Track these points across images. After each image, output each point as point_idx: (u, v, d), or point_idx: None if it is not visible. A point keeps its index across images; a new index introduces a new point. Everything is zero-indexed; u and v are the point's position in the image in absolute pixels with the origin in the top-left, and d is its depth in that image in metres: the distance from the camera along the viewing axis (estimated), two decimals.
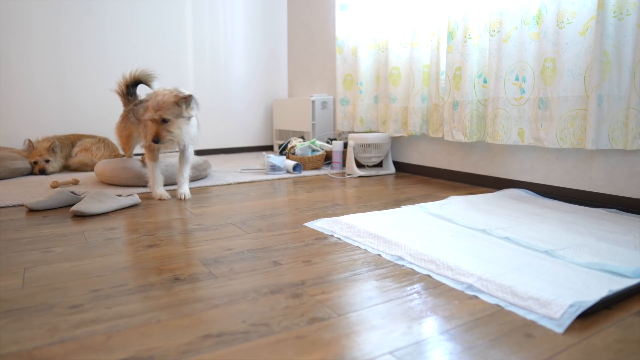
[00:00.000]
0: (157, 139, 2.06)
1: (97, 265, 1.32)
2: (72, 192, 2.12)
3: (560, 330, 0.90)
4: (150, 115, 2.05)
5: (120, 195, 2.13)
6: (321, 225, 1.70)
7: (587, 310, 0.95)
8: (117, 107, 3.83)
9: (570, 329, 0.91)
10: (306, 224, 1.75)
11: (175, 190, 2.36)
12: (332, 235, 1.59)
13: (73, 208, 1.93)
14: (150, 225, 1.78)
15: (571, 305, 0.95)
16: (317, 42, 4.12)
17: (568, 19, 1.93)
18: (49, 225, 1.79)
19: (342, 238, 1.55)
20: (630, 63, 1.79)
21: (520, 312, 0.98)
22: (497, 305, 1.02)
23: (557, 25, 1.97)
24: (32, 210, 2.04)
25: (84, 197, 2.10)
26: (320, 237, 1.59)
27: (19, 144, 3.44)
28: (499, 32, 2.19)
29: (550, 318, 0.94)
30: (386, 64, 2.99)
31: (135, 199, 2.14)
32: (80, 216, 1.93)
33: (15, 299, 1.09)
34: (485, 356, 0.81)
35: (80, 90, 3.71)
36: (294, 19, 4.47)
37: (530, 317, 0.96)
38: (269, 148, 4.66)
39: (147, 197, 2.31)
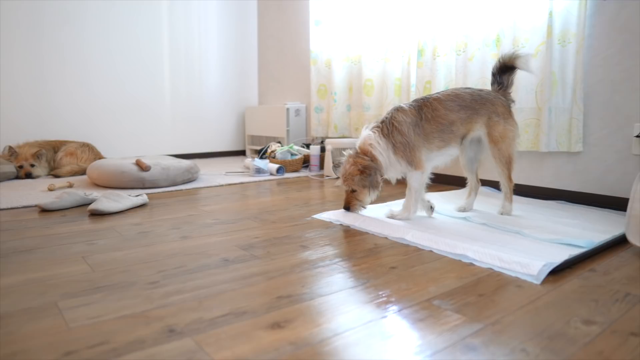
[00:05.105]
0: None
1: (146, 253, 1.52)
2: (85, 194, 2.27)
3: (537, 282, 1.24)
4: None
5: (130, 195, 2.30)
6: (328, 216, 1.98)
7: (556, 268, 1.29)
8: (94, 115, 3.92)
9: (546, 281, 1.25)
10: (315, 216, 2.03)
11: (177, 189, 2.54)
12: (340, 224, 1.88)
13: (91, 207, 2.08)
14: (172, 220, 1.98)
15: (544, 265, 1.29)
16: (289, 54, 4.39)
17: (522, 44, 2.33)
18: (73, 222, 1.94)
19: (350, 226, 1.84)
20: (572, 81, 2.20)
21: (508, 273, 1.31)
22: (489, 269, 1.35)
23: (513, 48, 2.36)
24: (44, 210, 2.17)
25: (97, 198, 2.26)
26: (330, 226, 1.87)
27: None
28: (464, 52, 2.57)
29: (529, 275, 1.27)
30: (360, 76, 3.31)
31: (145, 198, 2.32)
32: (98, 215, 2.09)
33: (94, 280, 1.28)
34: (493, 299, 1.13)
35: (58, 97, 3.77)
36: (264, 31, 4.72)
37: (515, 275, 1.29)
38: (241, 153, 4.87)
39: (152, 197, 2.49)
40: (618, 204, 2.14)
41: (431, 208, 1.99)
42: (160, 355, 0.87)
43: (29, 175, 3.17)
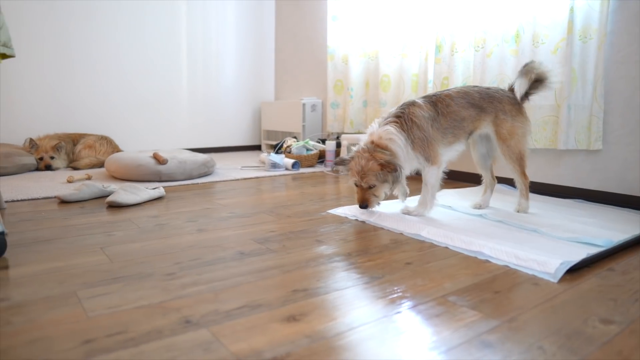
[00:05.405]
0: None
1: (163, 245, 1.54)
2: (103, 186, 2.30)
3: (555, 280, 1.22)
4: None
5: (147, 188, 2.33)
6: (344, 211, 1.98)
7: (573, 267, 1.28)
8: (113, 110, 3.97)
9: (564, 280, 1.23)
10: (330, 211, 2.03)
11: (194, 183, 2.56)
12: (356, 220, 1.88)
13: (109, 199, 2.11)
14: (188, 213, 2.00)
15: (562, 263, 1.27)
16: (305, 49, 4.39)
17: (542, 40, 2.29)
18: (92, 214, 1.97)
19: (366, 221, 1.84)
20: (592, 78, 2.16)
21: (524, 270, 1.30)
22: (506, 266, 1.34)
23: (533, 44, 2.32)
24: (64, 202, 2.21)
25: (114, 190, 2.29)
26: (345, 221, 1.87)
27: (14, 143, 3.53)
28: (483, 48, 2.54)
29: (547, 272, 1.26)
30: (376, 72, 3.30)
31: (161, 191, 2.35)
32: (116, 207, 2.12)
33: (113, 271, 1.30)
34: (509, 296, 1.12)
35: (70, 97, 3.80)
36: (281, 26, 4.72)
37: (532, 273, 1.28)
38: (257, 148, 4.90)
39: (169, 190, 2.52)
40: (638, 204, 2.10)
41: (405, 194, 2.12)
42: (177, 345, 0.88)
43: (48, 167, 3.23)
